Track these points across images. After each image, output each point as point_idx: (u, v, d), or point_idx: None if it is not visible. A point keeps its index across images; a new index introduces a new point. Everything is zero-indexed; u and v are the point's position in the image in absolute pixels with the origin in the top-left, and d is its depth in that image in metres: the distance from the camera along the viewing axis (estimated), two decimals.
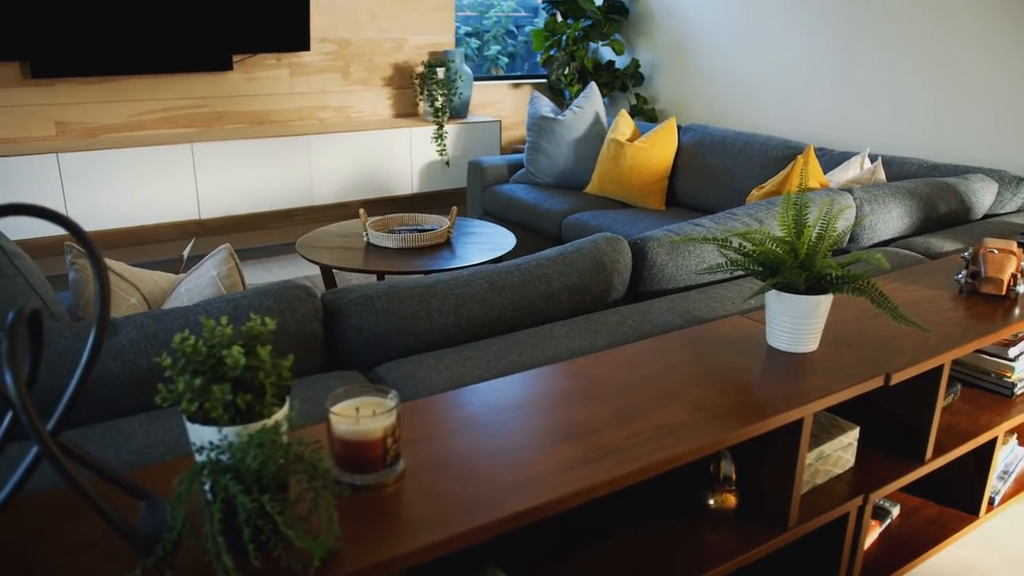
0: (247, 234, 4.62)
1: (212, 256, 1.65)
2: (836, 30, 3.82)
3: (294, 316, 1.46)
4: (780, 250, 1.51)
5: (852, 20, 3.74)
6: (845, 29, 3.78)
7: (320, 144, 4.32)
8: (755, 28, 4.22)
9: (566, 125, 4.12)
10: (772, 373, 1.45)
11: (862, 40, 3.72)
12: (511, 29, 5.82)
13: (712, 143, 3.78)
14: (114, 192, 3.86)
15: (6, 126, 3.91)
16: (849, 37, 3.77)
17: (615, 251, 1.83)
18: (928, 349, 1.57)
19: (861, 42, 3.72)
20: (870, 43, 3.68)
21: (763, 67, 4.21)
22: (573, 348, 1.55)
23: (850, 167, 2.94)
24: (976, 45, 3.29)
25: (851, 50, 3.77)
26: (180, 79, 4.24)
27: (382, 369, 1.49)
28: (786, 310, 1.50)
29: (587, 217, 3.62)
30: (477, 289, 1.62)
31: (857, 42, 3.74)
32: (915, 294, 1.90)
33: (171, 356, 1.29)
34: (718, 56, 4.47)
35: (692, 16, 4.60)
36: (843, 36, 3.79)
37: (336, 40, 4.61)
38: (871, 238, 2.42)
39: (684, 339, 1.58)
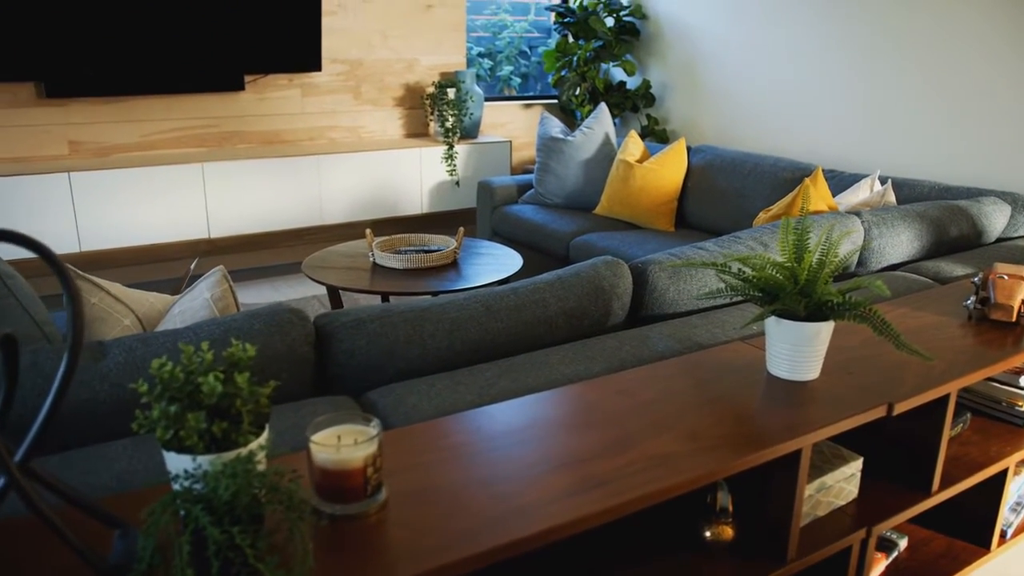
0: (257, 253, 4.63)
1: (206, 278, 1.64)
2: (849, 51, 3.79)
3: (284, 340, 1.44)
4: (780, 276, 1.48)
5: (865, 41, 3.71)
6: (858, 50, 3.75)
7: (330, 164, 4.33)
8: (767, 49, 4.21)
9: (575, 146, 4.11)
10: (771, 402, 1.41)
11: (874, 61, 3.69)
12: (524, 50, 5.83)
13: (722, 164, 3.75)
14: (125, 211, 3.88)
15: (21, 145, 3.95)
16: (862, 58, 3.74)
17: (615, 275, 1.80)
18: (933, 378, 1.53)
19: (873, 63, 3.69)
20: (882, 64, 3.65)
21: (774, 88, 4.19)
22: (568, 374, 1.52)
23: (860, 190, 2.91)
24: (990, 66, 3.25)
25: (863, 71, 3.74)
26: (192, 99, 4.27)
27: (373, 394, 1.47)
28: (786, 337, 1.47)
29: (595, 238, 3.60)
30: (472, 313, 1.60)
31: (869, 63, 3.71)
32: (922, 320, 1.86)
33: (148, 382, 1.27)
34: (729, 77, 4.45)
35: (704, 37, 4.59)
36: (856, 57, 3.77)
37: (347, 61, 4.63)
38: (880, 262, 2.38)
39: (682, 366, 1.55)
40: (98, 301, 1.63)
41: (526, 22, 5.68)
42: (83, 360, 1.35)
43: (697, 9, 4.60)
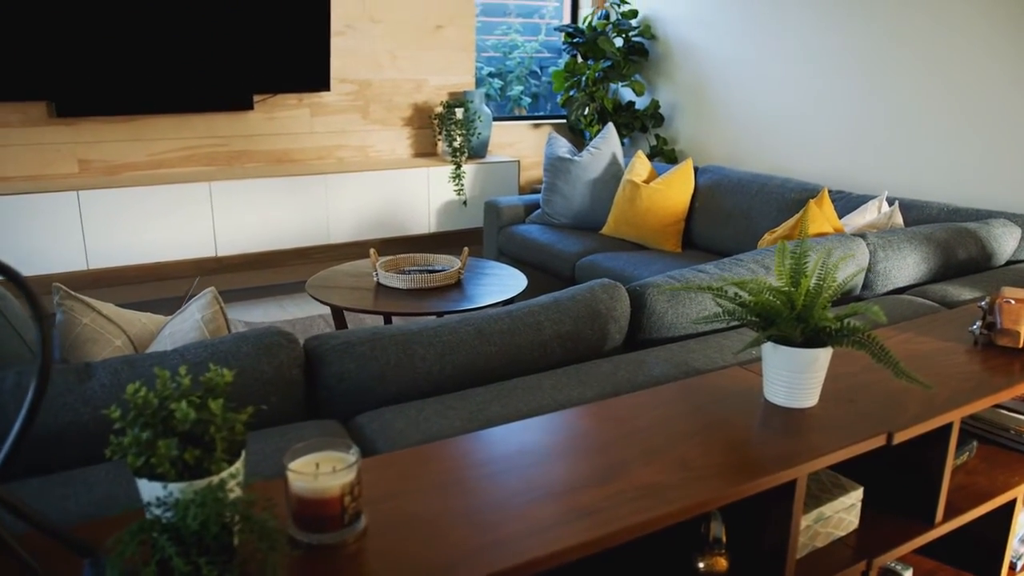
0: (263, 271, 4.63)
1: (197, 299, 1.63)
2: (858, 72, 3.77)
3: (272, 363, 1.43)
4: (777, 301, 1.45)
5: (874, 61, 3.69)
6: (867, 70, 3.73)
7: (337, 183, 4.34)
8: (776, 70, 4.19)
9: (582, 166, 4.10)
10: (767, 430, 1.38)
11: (883, 81, 3.66)
12: (535, 70, 5.84)
13: (729, 185, 3.73)
14: (133, 229, 3.90)
15: (31, 164, 3.98)
16: (871, 78, 3.71)
17: (612, 298, 1.78)
18: (935, 406, 1.50)
19: (882, 83, 3.67)
20: (891, 84, 3.63)
21: (783, 109, 4.17)
22: (560, 399, 1.50)
23: (867, 211, 2.87)
24: (1001, 87, 3.22)
25: (872, 91, 3.71)
26: (201, 118, 4.30)
27: (362, 418, 1.44)
28: (783, 363, 1.44)
29: (601, 259, 3.58)
30: (464, 337, 1.58)
31: (878, 83, 3.68)
32: (926, 346, 1.82)
33: (121, 407, 1.26)
34: (738, 98, 4.43)
35: (712, 58, 4.58)
36: (865, 78, 3.74)
37: (356, 81, 4.66)
38: (885, 285, 2.34)
39: (677, 391, 1.52)
40: (89, 321, 1.63)
41: (537, 42, 5.69)
42: (68, 382, 1.34)
43: (706, 30, 4.59)
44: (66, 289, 1.63)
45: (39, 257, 3.73)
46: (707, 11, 4.56)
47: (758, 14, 4.24)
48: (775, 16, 4.15)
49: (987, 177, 3.29)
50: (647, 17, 5.02)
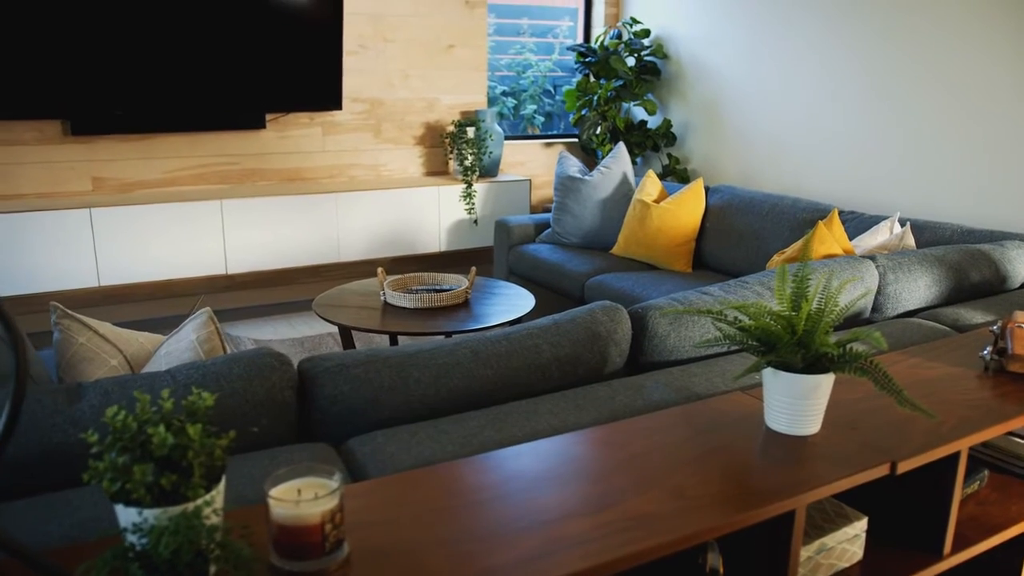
0: (274, 289, 4.64)
1: (192, 319, 1.62)
2: (871, 91, 3.74)
3: (264, 385, 1.41)
4: (777, 325, 1.42)
5: (888, 81, 3.66)
6: (880, 90, 3.70)
7: (348, 201, 4.35)
8: (788, 89, 4.16)
9: (593, 185, 4.08)
10: (767, 458, 1.35)
11: (897, 101, 3.63)
12: (548, 89, 5.85)
13: (740, 205, 3.70)
14: (144, 246, 3.92)
15: (46, 181, 4.02)
16: (884, 98, 3.68)
17: (613, 321, 1.75)
18: (941, 435, 1.45)
19: (896, 103, 3.63)
20: (905, 104, 3.59)
21: (796, 128, 4.14)
22: (556, 424, 1.47)
23: (878, 232, 2.83)
24: (1016, 106, 3.18)
25: (886, 111, 3.68)
26: (214, 137, 4.33)
27: (354, 442, 1.42)
28: (784, 390, 1.41)
29: (611, 279, 3.55)
30: (460, 359, 1.56)
31: (892, 103, 3.65)
32: (935, 371, 1.78)
33: (99, 431, 1.25)
34: (751, 117, 4.41)
35: (725, 77, 4.56)
36: (878, 97, 3.71)
37: (369, 100, 4.67)
38: (896, 308, 2.30)
39: (676, 417, 1.49)
40: (86, 341, 1.62)
41: (550, 61, 5.70)
42: (57, 403, 1.33)
43: (719, 49, 4.58)
44: (63, 308, 1.63)
45: (52, 274, 3.76)
46: (720, 30, 4.55)
47: (771, 33, 4.22)
48: (788, 35, 4.13)
49: (1002, 198, 3.24)
50: (659, 37, 5.01)
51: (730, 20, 4.47)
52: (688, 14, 4.76)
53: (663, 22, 4.97)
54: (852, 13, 3.78)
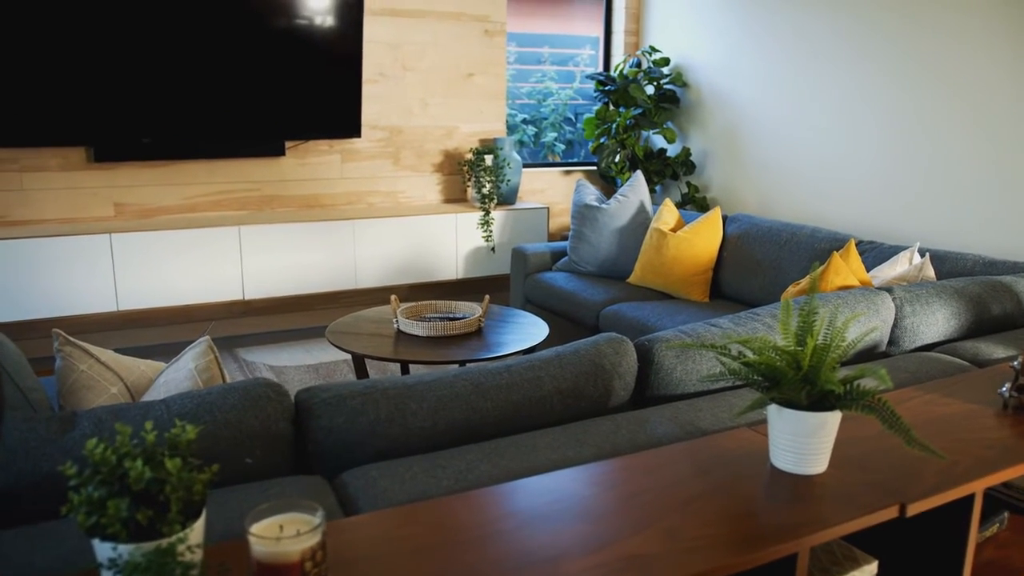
0: (291, 315, 4.66)
1: (192, 348, 1.62)
2: (892, 119, 3.70)
3: (258, 416, 1.40)
4: (781, 361, 1.38)
5: (909, 109, 3.61)
6: (902, 118, 3.65)
7: (364, 228, 4.36)
8: (808, 118, 4.13)
9: (610, 213, 4.06)
10: (770, 498, 1.30)
11: (918, 130, 3.58)
12: (569, 117, 5.86)
13: (757, 234, 3.66)
14: (163, 271, 3.95)
15: (69, 207, 4.08)
16: (906, 126, 3.63)
17: (617, 353, 1.72)
18: (955, 476, 1.40)
19: (917, 132, 3.58)
20: (927, 133, 3.54)
21: (816, 157, 4.10)
22: (555, 459, 1.44)
23: (898, 263, 2.78)
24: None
25: (907, 140, 3.63)
26: (234, 163, 4.37)
27: (348, 475, 1.40)
28: (788, 427, 1.37)
29: (626, 308, 3.52)
30: (460, 391, 1.53)
31: (913, 132, 3.60)
32: (951, 408, 1.72)
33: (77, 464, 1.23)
34: (771, 145, 4.38)
35: (744, 105, 4.54)
36: (899, 125, 3.66)
37: (388, 127, 4.71)
38: (913, 341, 2.24)
39: (679, 454, 1.45)
40: (87, 368, 1.62)
41: (571, 90, 5.72)
42: (51, 432, 1.33)
43: (738, 78, 4.56)
44: (65, 335, 1.63)
45: (71, 298, 3.80)
46: (739, 59, 4.54)
47: (790, 62, 4.20)
48: (808, 64, 4.10)
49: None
50: (679, 65, 5.01)
51: (749, 49, 4.45)
52: (707, 43, 4.76)
53: (683, 51, 4.97)
54: (873, 42, 3.74)
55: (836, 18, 3.91)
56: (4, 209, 3.97)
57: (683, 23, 4.95)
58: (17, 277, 3.69)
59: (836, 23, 3.92)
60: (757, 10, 4.38)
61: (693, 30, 4.87)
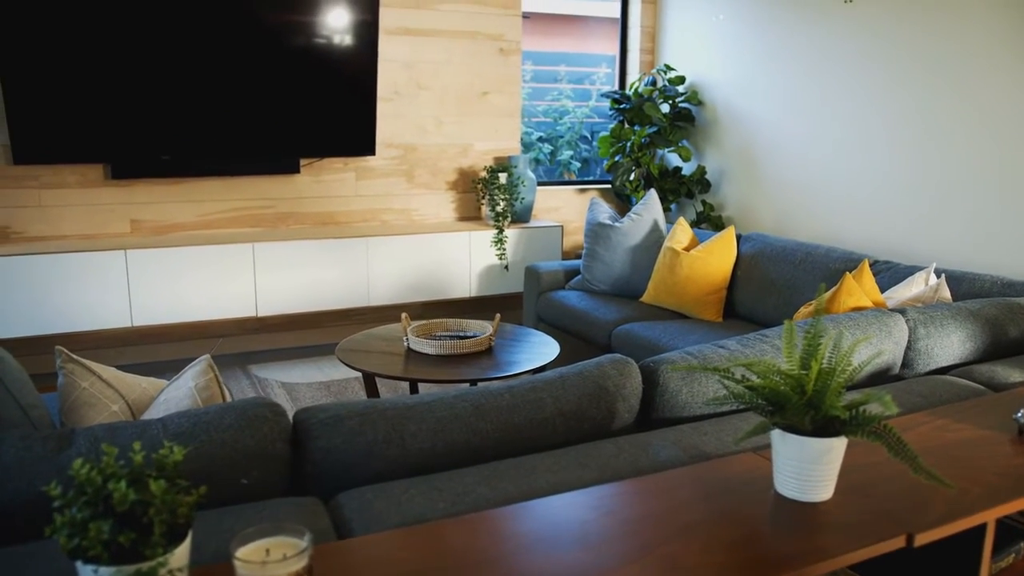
0: (304, 332, 4.66)
1: (192, 367, 1.62)
2: (909, 138, 3.66)
3: (255, 436, 1.39)
4: (785, 385, 1.35)
5: (926, 128, 3.57)
6: (918, 137, 3.61)
7: (378, 246, 4.37)
8: (825, 136, 4.10)
9: (623, 232, 4.04)
10: (773, 525, 1.27)
11: (936, 149, 3.54)
12: (585, 135, 5.86)
13: (772, 253, 3.62)
14: (177, 287, 3.97)
15: (86, 223, 4.12)
16: (923, 145, 3.59)
17: (621, 375, 1.70)
18: (965, 504, 1.36)
19: (935, 151, 3.54)
20: (944, 152, 3.50)
21: (833, 176, 4.06)
22: (554, 483, 1.41)
23: (913, 284, 2.74)
24: None
25: (924, 159, 3.59)
26: (250, 181, 4.40)
27: (343, 497, 1.39)
28: (792, 453, 1.34)
29: (638, 328, 3.49)
30: (459, 413, 1.52)
31: (931, 151, 3.56)
32: (963, 434, 1.68)
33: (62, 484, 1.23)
34: (786, 164, 4.34)
35: (760, 124, 4.51)
36: (916, 144, 3.62)
37: (402, 145, 4.72)
38: (927, 364, 2.20)
39: (681, 479, 1.42)
40: (88, 386, 1.62)
41: (587, 108, 5.72)
42: (47, 450, 1.32)
43: (753, 96, 4.54)
44: (67, 352, 1.64)
45: (86, 313, 3.83)
46: (754, 78, 4.52)
47: (806, 80, 4.17)
48: (824, 82, 4.07)
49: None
50: (694, 83, 4.99)
51: (765, 67, 4.43)
52: (723, 61, 4.75)
53: (698, 69, 4.96)
54: (890, 59, 3.71)
55: (852, 36, 3.89)
56: (23, 225, 4.02)
57: (698, 42, 4.94)
58: (34, 292, 3.72)
59: (852, 41, 3.89)
60: (772, 28, 4.36)
61: (709, 49, 4.86)
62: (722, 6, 4.71)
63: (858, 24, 3.86)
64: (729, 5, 4.66)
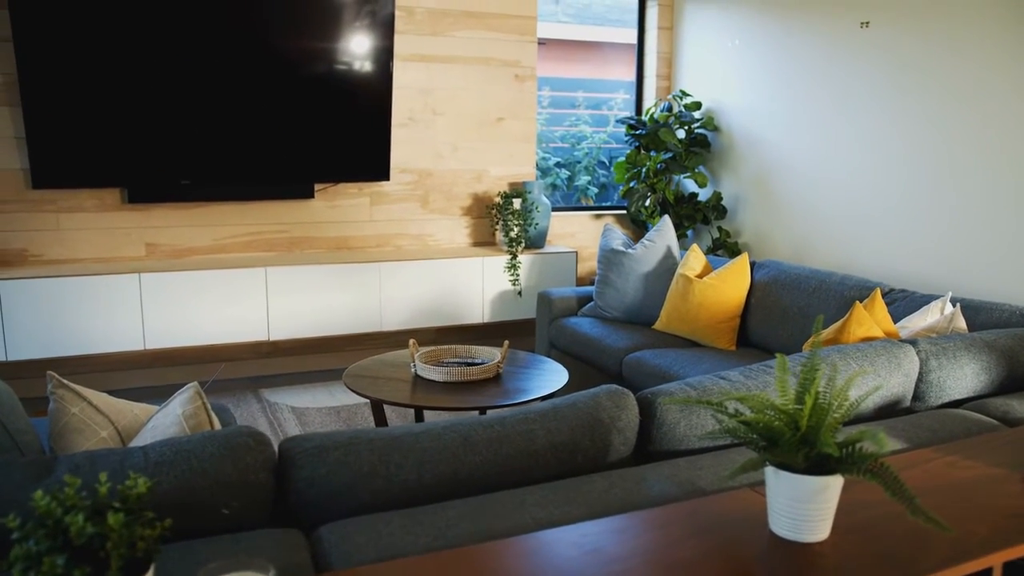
0: (316, 356, 4.66)
1: (180, 394, 1.60)
2: (927, 165, 3.60)
3: (237, 465, 1.37)
4: (779, 420, 1.31)
5: (946, 153, 3.51)
6: (936, 164, 3.55)
7: (390, 271, 4.36)
8: (842, 163, 4.04)
9: (636, 259, 4.00)
10: (765, 566, 1.23)
11: (954, 176, 3.47)
12: (603, 160, 5.85)
13: (786, 281, 3.56)
14: (189, 311, 3.99)
15: (104, 247, 4.16)
16: (940, 172, 3.53)
17: (617, 407, 1.66)
18: (971, 547, 1.31)
19: (953, 178, 3.48)
20: (963, 179, 3.43)
21: (849, 202, 4.00)
22: (541, 519, 1.38)
23: (929, 313, 2.67)
24: None
25: (942, 186, 3.52)
26: (265, 205, 4.43)
27: (325, 529, 1.36)
28: (786, 491, 1.29)
29: (649, 356, 3.44)
30: (447, 444, 1.49)
31: (949, 178, 3.49)
32: (973, 471, 1.62)
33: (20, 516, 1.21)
34: (803, 190, 4.29)
35: (776, 149, 4.47)
36: (934, 171, 3.56)
37: (417, 170, 4.73)
38: (939, 397, 2.14)
39: (672, 515, 1.38)
40: (78, 411, 1.61)
41: (605, 133, 5.71)
42: (27, 477, 1.31)
43: (770, 122, 4.50)
44: (58, 378, 1.63)
45: (100, 336, 3.85)
46: (771, 103, 4.48)
47: (822, 106, 4.13)
48: (840, 107, 4.03)
49: None
50: (710, 109, 4.97)
51: (781, 92, 4.40)
52: (738, 87, 4.72)
53: (714, 95, 4.93)
54: (906, 83, 3.67)
55: (868, 61, 3.85)
56: (41, 248, 4.06)
57: (715, 67, 4.92)
58: (49, 314, 3.75)
59: (868, 66, 3.85)
60: (788, 53, 4.33)
61: (724, 74, 4.83)
62: (738, 31, 4.69)
63: (874, 49, 3.82)
64: (745, 30, 4.64)
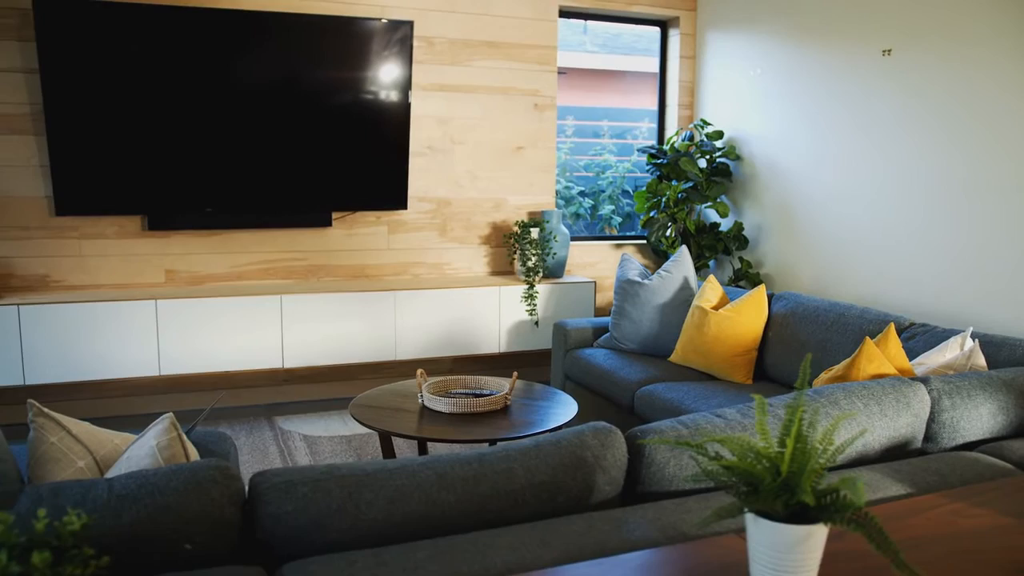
0: (331, 384, 4.65)
1: (155, 425, 1.58)
2: (951, 197, 3.50)
3: (201, 500, 1.33)
4: (760, 465, 1.25)
5: (970, 183, 3.42)
6: (962, 196, 3.45)
7: (406, 299, 4.35)
8: (863, 193, 3.95)
9: (652, 290, 3.94)
10: None
11: (978, 208, 3.37)
12: (627, 189, 5.81)
13: (804, 313, 3.47)
14: (205, 338, 4.00)
15: (123, 273, 4.21)
16: (965, 205, 3.43)
17: (602, 445, 1.60)
18: None
19: (977, 210, 3.37)
20: (987, 211, 3.33)
21: (872, 233, 3.90)
22: (511, 562, 1.32)
23: (947, 349, 2.57)
24: None
25: (967, 215, 3.42)
26: (283, 233, 4.45)
27: (288, 568, 1.32)
28: (766, 540, 1.22)
29: (661, 389, 3.37)
30: (421, 482, 1.44)
31: (973, 210, 3.39)
32: (980, 520, 1.53)
33: None
34: (825, 220, 4.20)
35: (799, 179, 4.39)
36: (959, 199, 3.46)
37: (435, 199, 4.73)
38: (953, 439, 2.04)
39: (648, 561, 1.32)
40: (56, 440, 1.60)
41: (629, 162, 5.68)
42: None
43: (792, 151, 4.43)
44: (39, 406, 1.62)
45: (115, 361, 3.88)
46: (793, 132, 4.41)
47: (845, 135, 4.05)
48: (863, 136, 3.95)
49: None
50: (732, 138, 4.91)
51: (803, 121, 4.33)
52: (760, 116, 4.66)
53: (736, 124, 4.88)
54: (929, 112, 3.58)
55: (890, 90, 3.77)
56: (63, 274, 4.12)
57: (737, 97, 4.87)
58: (67, 339, 3.79)
59: (890, 95, 3.77)
60: (810, 82, 4.27)
61: (746, 103, 4.78)
62: (760, 60, 4.64)
63: (897, 78, 3.74)
64: (767, 59, 4.59)
